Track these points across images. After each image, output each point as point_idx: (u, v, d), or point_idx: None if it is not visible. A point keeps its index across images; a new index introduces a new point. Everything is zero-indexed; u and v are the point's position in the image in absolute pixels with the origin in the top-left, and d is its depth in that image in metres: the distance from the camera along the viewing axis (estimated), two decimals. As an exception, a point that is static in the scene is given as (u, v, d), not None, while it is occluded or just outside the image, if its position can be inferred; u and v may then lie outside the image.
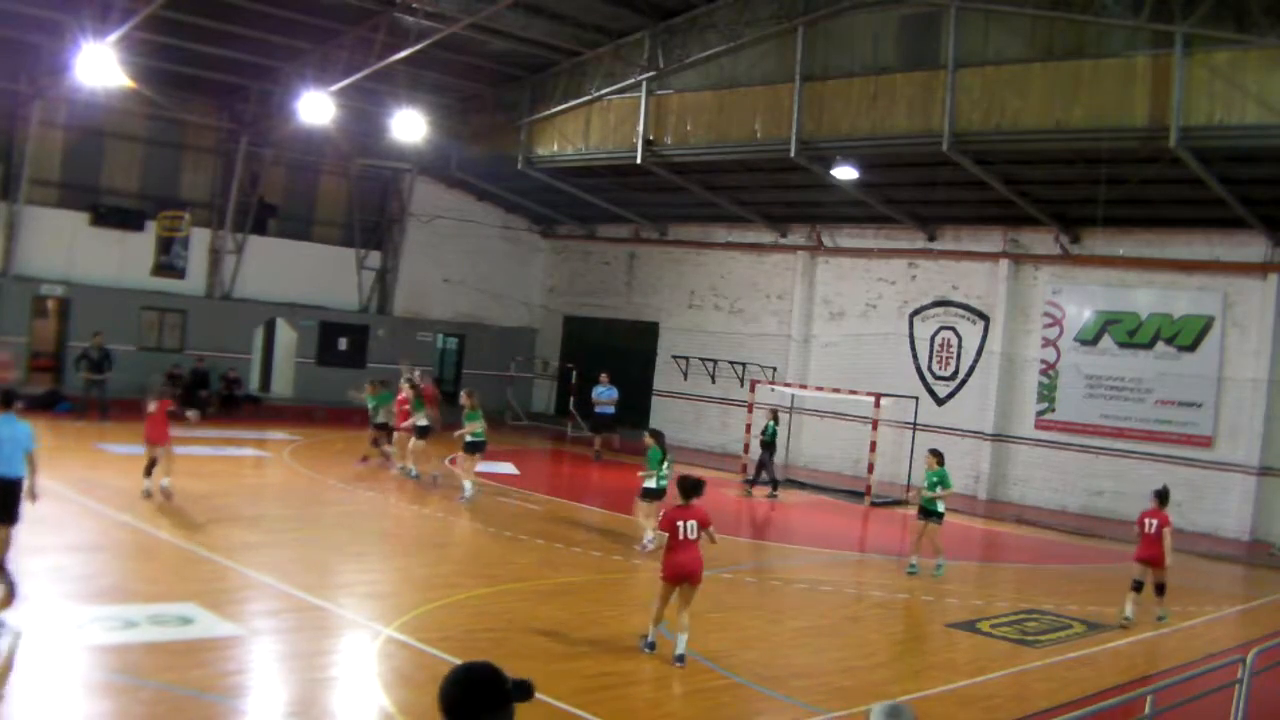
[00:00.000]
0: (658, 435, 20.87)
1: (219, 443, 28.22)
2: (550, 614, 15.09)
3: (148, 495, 19.99)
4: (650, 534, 19.71)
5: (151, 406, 20.53)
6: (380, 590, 16.04)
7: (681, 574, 13.13)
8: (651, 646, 13.26)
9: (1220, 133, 23.16)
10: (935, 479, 20.50)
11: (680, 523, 13.22)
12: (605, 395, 34.21)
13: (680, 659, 12.87)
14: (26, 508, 13.46)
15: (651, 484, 20.06)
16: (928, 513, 20.45)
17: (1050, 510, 29.70)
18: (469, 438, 23.47)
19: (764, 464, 29.15)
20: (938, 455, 21.07)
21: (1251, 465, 27.26)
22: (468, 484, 23.37)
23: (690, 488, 13.63)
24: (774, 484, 29.13)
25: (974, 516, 28.06)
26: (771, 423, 29.51)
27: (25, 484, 13.41)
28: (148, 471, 20.23)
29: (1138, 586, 17.68)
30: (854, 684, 13.02)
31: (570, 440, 37.69)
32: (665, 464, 20.11)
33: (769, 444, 29.19)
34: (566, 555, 19.24)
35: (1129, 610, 17.40)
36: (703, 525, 13.33)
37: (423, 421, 25.21)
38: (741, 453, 31.87)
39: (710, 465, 31.67)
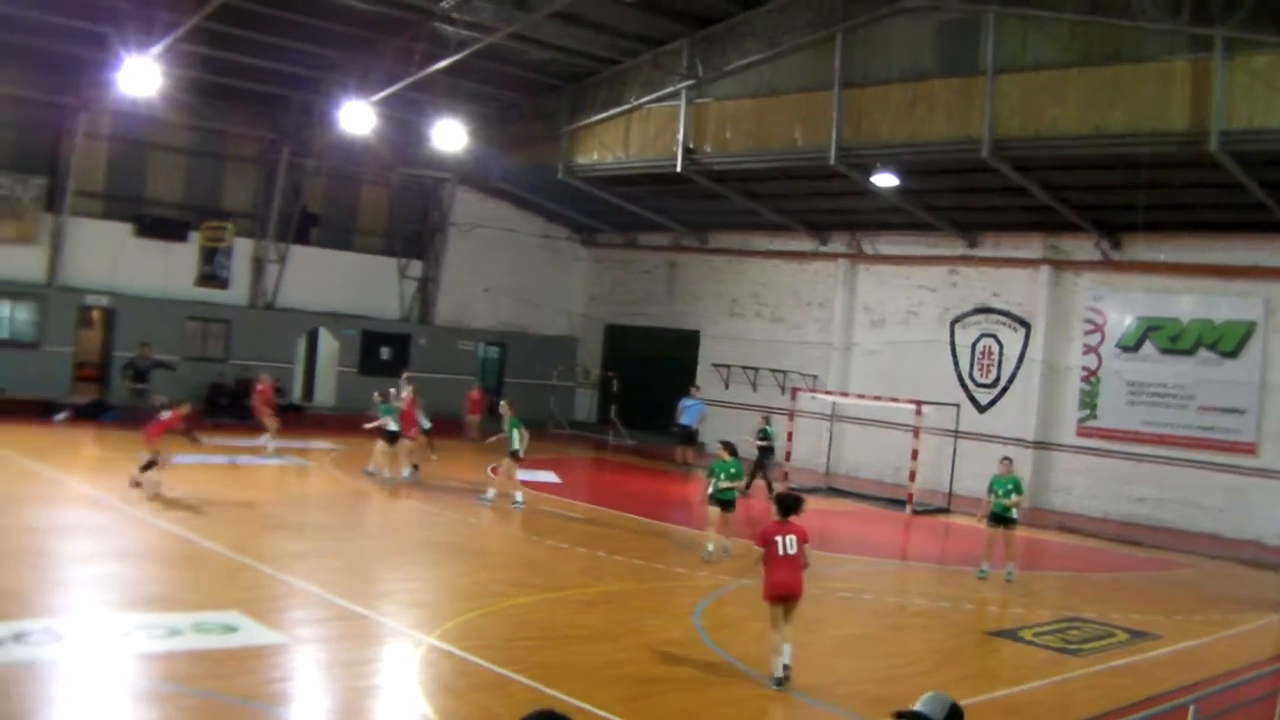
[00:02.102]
0: (729, 446, 21.11)
1: (262, 451, 28.40)
2: (591, 622, 15.16)
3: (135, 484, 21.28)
4: (711, 545, 20.30)
5: (166, 414, 21.90)
6: (422, 599, 16.11)
7: (782, 592, 12.94)
8: (779, 683, 12.71)
9: (1261, 136, 22.96)
10: (1010, 486, 20.64)
11: (779, 538, 13.02)
12: (691, 407, 34.22)
13: (786, 670, 12.79)
14: (74, 516, 13.63)
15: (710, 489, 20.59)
16: (1001, 520, 20.57)
17: (1092, 518, 29.52)
18: (516, 445, 24.08)
19: (761, 466, 29.36)
20: (1011, 462, 21.54)
21: (1296, 471, 27.08)
22: (511, 492, 24.02)
23: (790, 504, 13.50)
24: (747, 485, 28.22)
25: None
26: (767, 426, 29.89)
27: None
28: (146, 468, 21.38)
29: None
30: (895, 693, 12.96)
31: (612, 449, 37.73)
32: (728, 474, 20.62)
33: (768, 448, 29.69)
34: (608, 563, 19.27)
35: None
36: (802, 541, 13.12)
37: (391, 427, 25.68)
38: (783, 460, 31.82)
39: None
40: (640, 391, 39.72)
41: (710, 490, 20.55)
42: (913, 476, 29.65)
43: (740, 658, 13.63)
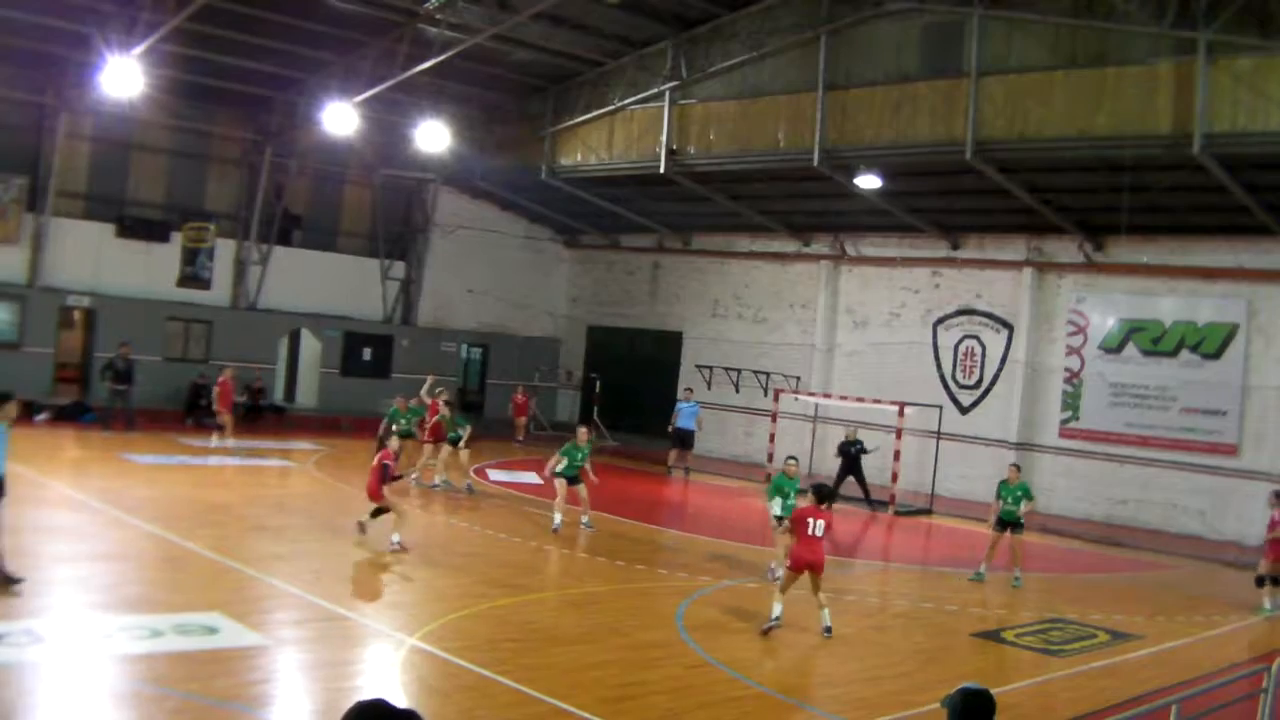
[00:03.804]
0: (797, 461, 20.26)
1: (244, 453, 28.32)
2: (574, 624, 15.15)
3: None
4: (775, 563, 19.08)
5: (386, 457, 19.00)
6: (404, 600, 16.07)
7: (807, 564, 15.18)
8: (777, 620, 15.13)
9: (1244, 139, 23.08)
10: (1020, 492, 20.73)
11: (810, 520, 15.32)
12: (686, 410, 34.01)
13: (828, 630, 15.15)
14: (55, 517, 13.60)
15: (778, 510, 19.05)
16: (1007, 524, 20.62)
17: (1074, 519, 29.53)
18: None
19: (855, 474, 29.49)
20: (1019, 468, 21.76)
21: (1277, 472, 27.03)
22: (581, 515, 22.70)
23: (826, 495, 16.10)
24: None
25: (997, 525, 27.95)
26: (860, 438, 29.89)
27: None
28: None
29: (1261, 582, 19.53)
30: (879, 693, 13.01)
31: (594, 450, 37.62)
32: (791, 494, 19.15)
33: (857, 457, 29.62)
34: (590, 565, 19.27)
35: (1269, 604, 19.38)
36: (828, 526, 15.54)
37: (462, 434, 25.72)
38: (766, 462, 31.78)
39: (736, 475, 31.72)
40: (623, 393, 39.71)
41: (777, 510, 18.93)
42: (895, 477, 29.68)
43: (722, 660, 13.62)
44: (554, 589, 17.29)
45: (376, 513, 19.01)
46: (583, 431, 23.46)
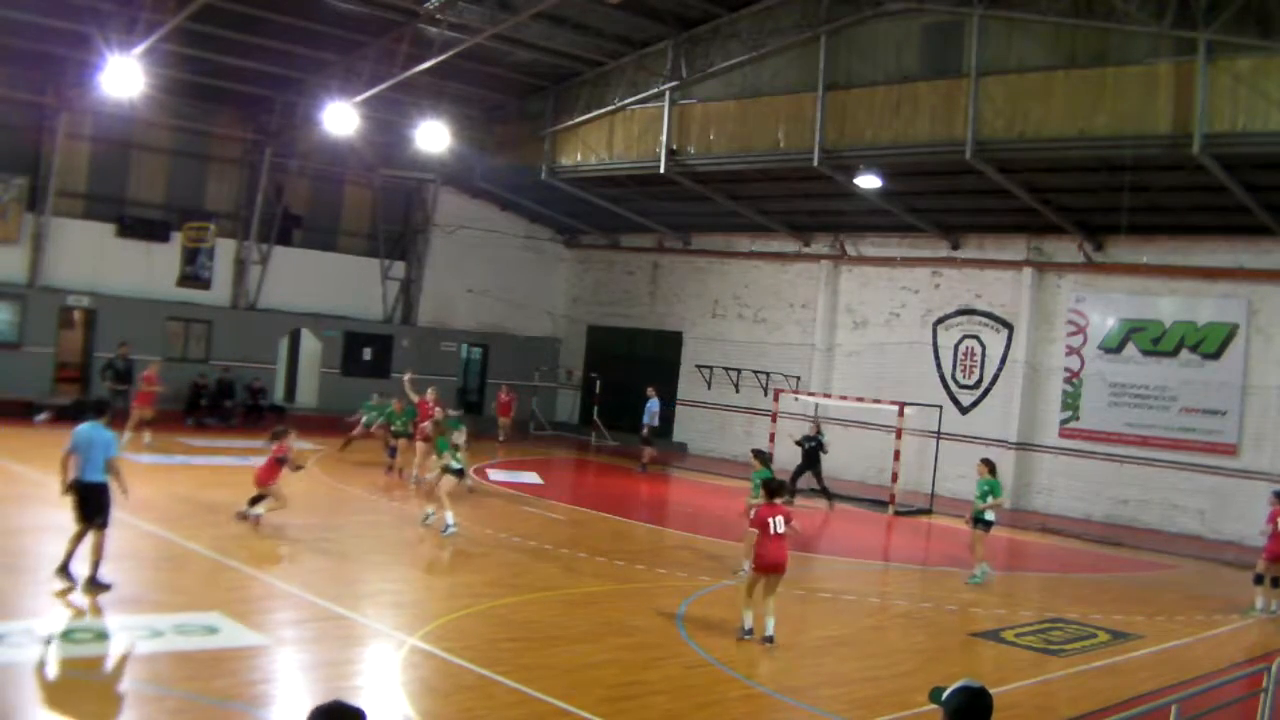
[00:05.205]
0: (761, 455, 20.00)
1: (243, 452, 28.25)
2: (574, 623, 15.14)
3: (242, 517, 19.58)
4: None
5: (278, 449, 20.00)
6: (404, 599, 16.07)
7: (771, 564, 14.64)
8: (750, 633, 14.62)
9: (1244, 139, 23.08)
10: (986, 488, 20.58)
11: (770, 519, 14.66)
12: (649, 407, 34.23)
13: (770, 639, 14.42)
14: (55, 517, 13.63)
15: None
16: (977, 521, 20.53)
17: (1074, 519, 29.57)
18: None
19: (811, 470, 29.24)
20: (989, 464, 21.29)
21: (1277, 472, 27.06)
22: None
23: (777, 488, 15.64)
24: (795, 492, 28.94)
25: (998, 525, 27.94)
26: (821, 435, 29.61)
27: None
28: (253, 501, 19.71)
29: (1259, 580, 19.42)
30: (878, 693, 13.01)
31: (594, 450, 37.69)
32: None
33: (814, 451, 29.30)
34: (590, 564, 19.26)
35: (1259, 604, 19.29)
36: (788, 520, 14.86)
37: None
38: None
39: (737, 475, 31.66)
40: (622, 393, 39.64)
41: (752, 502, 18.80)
42: (895, 478, 29.69)
43: (722, 659, 13.63)
44: (554, 589, 17.27)
45: (255, 500, 19.58)
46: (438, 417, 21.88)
